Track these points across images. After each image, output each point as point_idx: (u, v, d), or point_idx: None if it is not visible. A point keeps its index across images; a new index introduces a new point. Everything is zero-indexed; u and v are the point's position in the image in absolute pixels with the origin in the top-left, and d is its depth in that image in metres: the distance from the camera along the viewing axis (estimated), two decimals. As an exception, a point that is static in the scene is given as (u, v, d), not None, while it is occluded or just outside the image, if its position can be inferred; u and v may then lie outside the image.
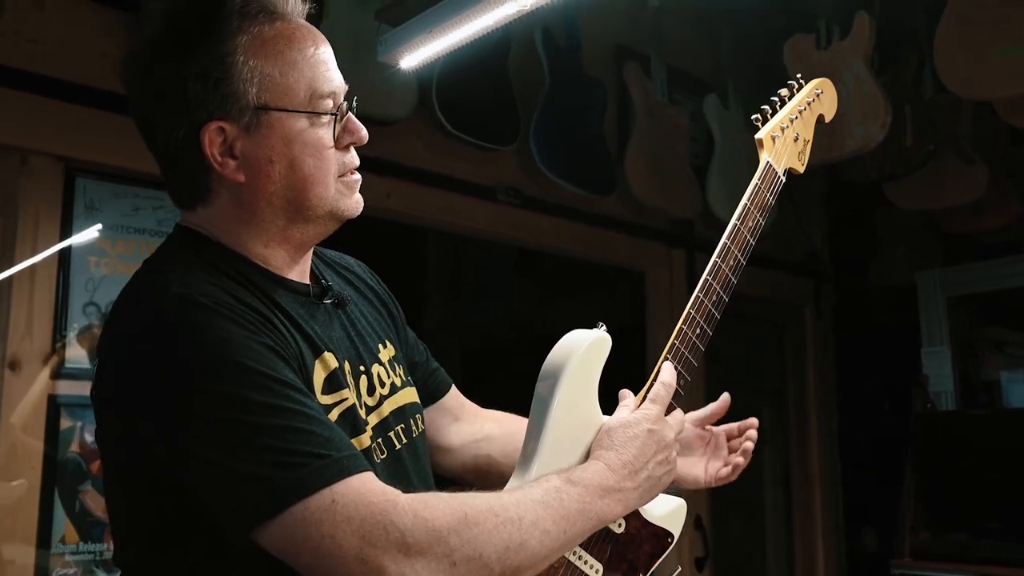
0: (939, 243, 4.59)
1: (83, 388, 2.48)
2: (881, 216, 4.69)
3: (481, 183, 3.50)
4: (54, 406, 2.42)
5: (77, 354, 2.48)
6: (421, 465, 1.30)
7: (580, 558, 1.24)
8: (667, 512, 1.35)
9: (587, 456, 1.24)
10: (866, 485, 4.71)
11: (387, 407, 1.28)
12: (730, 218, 1.44)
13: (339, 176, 1.22)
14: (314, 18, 1.27)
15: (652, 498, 1.27)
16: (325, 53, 1.21)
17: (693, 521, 4.05)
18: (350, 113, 1.23)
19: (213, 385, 1.03)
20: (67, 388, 2.46)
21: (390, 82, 2.79)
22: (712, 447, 1.57)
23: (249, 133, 1.15)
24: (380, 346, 1.33)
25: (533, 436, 1.25)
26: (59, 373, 2.45)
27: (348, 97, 1.23)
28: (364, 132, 1.24)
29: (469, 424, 1.56)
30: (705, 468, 1.55)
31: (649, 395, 1.29)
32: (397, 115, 3.01)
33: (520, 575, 1.08)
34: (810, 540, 4.72)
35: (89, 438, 2.46)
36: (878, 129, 3.15)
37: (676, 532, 1.36)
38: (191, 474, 1.05)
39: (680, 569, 1.37)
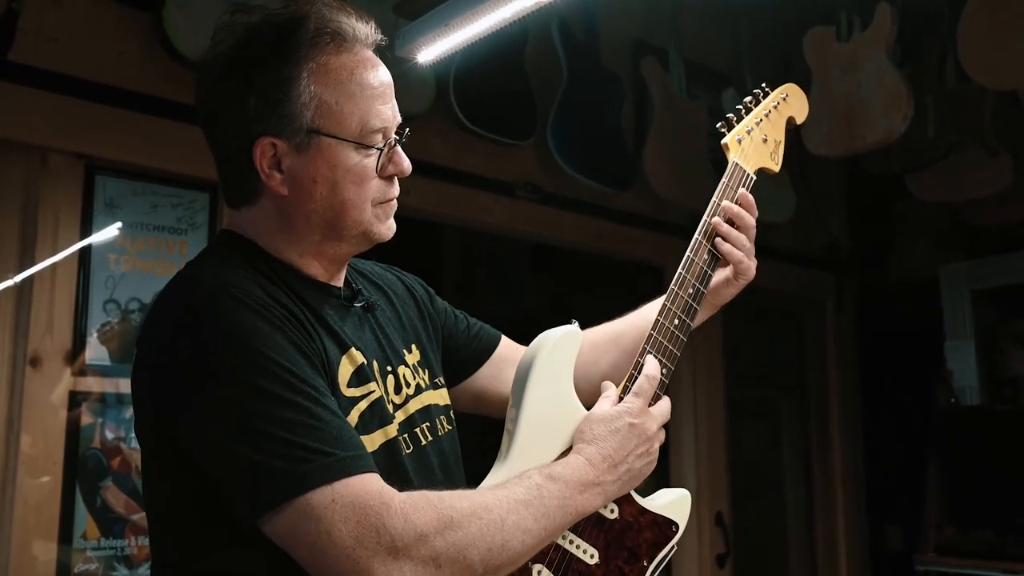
0: (962, 235, 4.54)
1: (103, 385, 2.49)
2: (903, 208, 4.64)
3: (499, 178, 3.49)
4: (75, 403, 2.44)
5: (97, 351, 2.49)
6: (447, 462, 1.35)
7: (572, 542, 1.28)
8: (669, 501, 1.38)
9: (568, 447, 1.29)
10: (889, 482, 4.67)
11: (413, 405, 1.33)
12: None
13: (377, 203, 1.27)
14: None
15: (631, 488, 1.32)
16: (383, 86, 1.27)
17: (714, 517, 4.03)
18: (398, 146, 1.28)
19: (233, 373, 1.09)
20: (87, 385, 2.47)
21: (407, 77, 2.79)
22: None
23: (299, 152, 1.22)
24: (406, 350, 1.39)
25: (509, 432, 1.30)
26: (80, 370, 2.46)
27: (399, 130, 1.29)
28: (408, 165, 1.30)
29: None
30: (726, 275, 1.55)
31: (633, 388, 1.34)
32: (415, 111, 3.01)
33: (502, 572, 1.14)
34: (832, 537, 4.68)
35: (110, 434, 2.47)
36: (900, 121, 3.12)
37: (681, 522, 1.38)
38: (205, 458, 1.11)
39: (675, 548, 1.38)
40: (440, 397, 1.42)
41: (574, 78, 3.55)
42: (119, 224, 2.59)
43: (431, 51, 2.19)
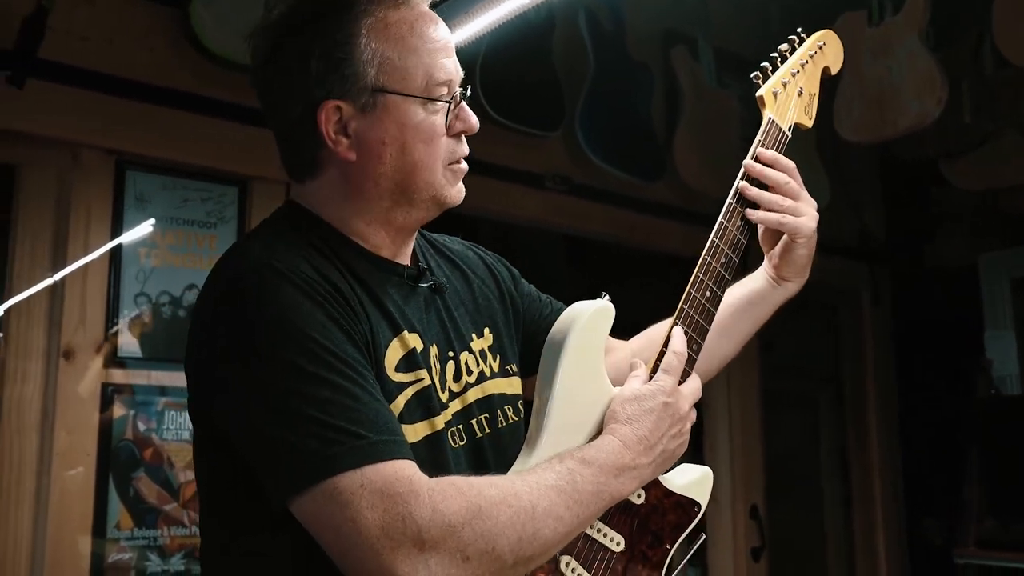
0: (1000, 223, 4.45)
1: (135, 377, 2.52)
2: (939, 196, 4.56)
3: (529, 170, 3.48)
4: (107, 395, 2.47)
5: (129, 343, 2.52)
6: (504, 458, 1.28)
7: (599, 531, 1.23)
8: (691, 481, 1.32)
9: (599, 428, 1.22)
10: (928, 474, 4.60)
11: (471, 395, 1.28)
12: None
13: (447, 164, 1.24)
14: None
15: (664, 470, 1.26)
16: (444, 40, 1.24)
17: (748, 511, 3.99)
18: (463, 102, 1.25)
19: (270, 352, 1.06)
20: (119, 377, 2.50)
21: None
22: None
23: (365, 114, 1.18)
24: (475, 334, 1.34)
25: (540, 411, 1.23)
26: (111, 363, 2.49)
27: (463, 85, 1.25)
28: (475, 121, 1.26)
29: (618, 352, 1.52)
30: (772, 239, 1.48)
31: (662, 365, 1.26)
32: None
33: (533, 563, 1.09)
34: (870, 529, 4.62)
35: (142, 426, 2.50)
36: (934, 105, 3.06)
37: (703, 501, 1.33)
38: (239, 436, 1.09)
39: (704, 537, 1.34)
40: (509, 386, 1.36)
41: (602, 69, 3.53)
42: (152, 221, 2.62)
43: (455, 36, 2.19)
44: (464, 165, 1.27)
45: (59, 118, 2.48)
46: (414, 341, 1.20)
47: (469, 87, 1.26)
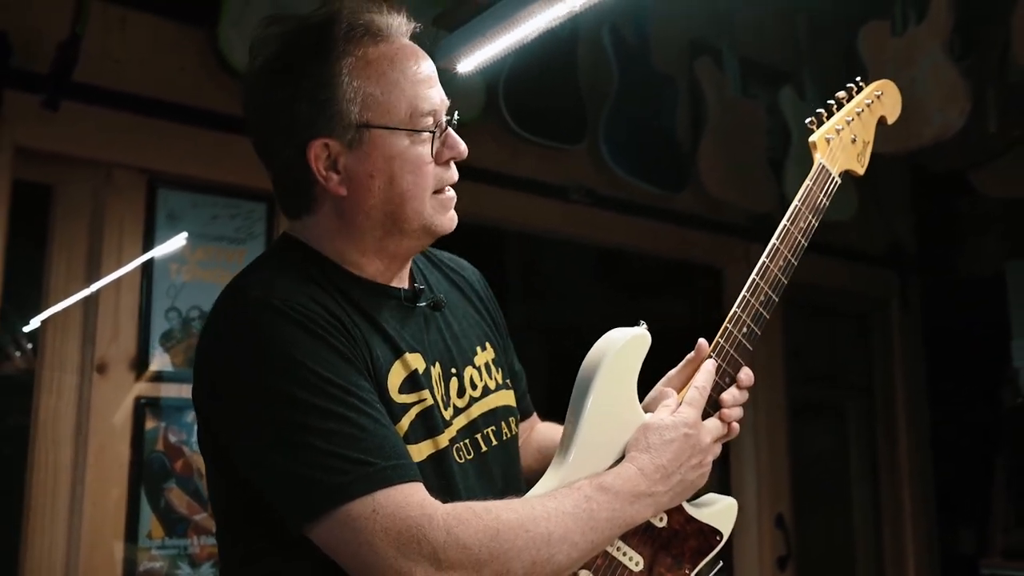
0: (1031, 231, 4.42)
1: (166, 390, 2.60)
2: (968, 204, 4.53)
3: (553, 182, 3.52)
4: (139, 407, 2.54)
5: (160, 358, 2.60)
6: (510, 470, 1.33)
7: (619, 550, 1.26)
8: (716, 510, 1.35)
9: (623, 453, 1.26)
10: (960, 484, 4.57)
11: (476, 409, 1.31)
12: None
13: (435, 192, 1.26)
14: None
15: (683, 499, 1.29)
16: (426, 72, 1.26)
17: (774, 519, 3.99)
18: (449, 128, 1.27)
19: (272, 386, 1.10)
20: (151, 390, 2.58)
21: (456, 84, 2.83)
22: None
23: (352, 149, 1.21)
24: (478, 348, 1.37)
25: (569, 433, 1.27)
26: (143, 376, 2.57)
27: (449, 113, 1.28)
28: (463, 147, 1.28)
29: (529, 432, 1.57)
30: None
31: (685, 399, 1.30)
32: (465, 118, 3.03)
33: None
34: (899, 540, 4.59)
35: (173, 438, 2.57)
36: (957, 116, 3.06)
37: (726, 530, 1.35)
38: (250, 470, 1.13)
39: (721, 564, 1.36)
40: (510, 399, 1.40)
41: (625, 82, 3.56)
42: (185, 234, 2.69)
43: (471, 61, 2.24)
44: (451, 193, 1.29)
45: (93, 139, 2.56)
46: (415, 362, 1.24)
47: (456, 113, 1.29)
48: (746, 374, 1.37)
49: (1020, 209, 4.27)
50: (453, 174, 1.29)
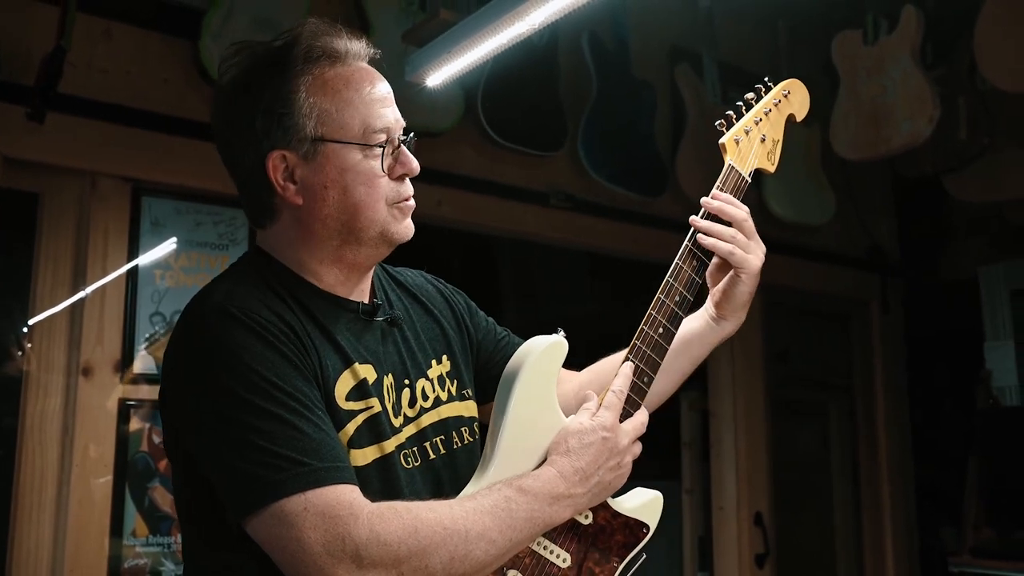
0: (1008, 235, 4.48)
1: (150, 392, 2.67)
2: (948, 209, 4.60)
3: (533, 188, 3.58)
4: (124, 409, 2.62)
5: (144, 361, 2.67)
6: (460, 475, 1.38)
7: (546, 548, 1.33)
8: (641, 504, 1.41)
9: (545, 456, 1.32)
10: (941, 484, 4.63)
11: (427, 419, 1.39)
12: (788, 215, 1.46)
13: (392, 203, 1.33)
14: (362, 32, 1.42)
15: (601, 500, 1.35)
16: (381, 92, 1.34)
17: (752, 518, 4.06)
18: (403, 146, 1.35)
19: (225, 387, 1.18)
20: (135, 392, 2.65)
21: (433, 94, 2.90)
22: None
23: (308, 161, 1.29)
24: (433, 361, 1.44)
25: (492, 440, 1.33)
26: (128, 379, 2.64)
27: (405, 132, 1.36)
28: (415, 165, 1.36)
29: (567, 384, 1.61)
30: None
31: (603, 403, 1.35)
32: (442, 127, 3.12)
33: None
34: (880, 538, 4.66)
35: (156, 439, 2.65)
36: (925, 124, 3.12)
37: (652, 523, 1.41)
38: (203, 463, 1.22)
39: (644, 556, 1.43)
40: (465, 409, 1.46)
41: (604, 88, 3.62)
42: (174, 239, 2.76)
43: (439, 75, 2.31)
44: (411, 203, 1.37)
45: (78, 148, 2.63)
46: (366, 372, 1.31)
47: (412, 135, 1.37)
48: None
49: (998, 213, 4.33)
50: (407, 188, 1.36)
